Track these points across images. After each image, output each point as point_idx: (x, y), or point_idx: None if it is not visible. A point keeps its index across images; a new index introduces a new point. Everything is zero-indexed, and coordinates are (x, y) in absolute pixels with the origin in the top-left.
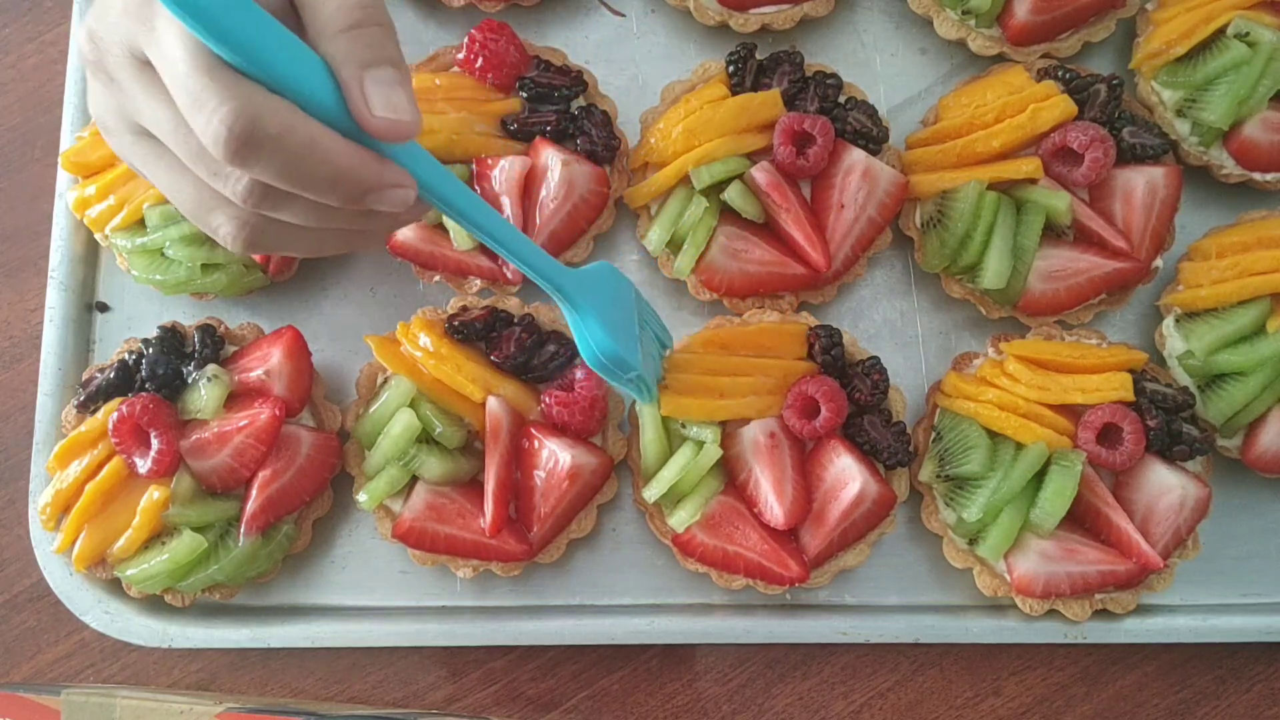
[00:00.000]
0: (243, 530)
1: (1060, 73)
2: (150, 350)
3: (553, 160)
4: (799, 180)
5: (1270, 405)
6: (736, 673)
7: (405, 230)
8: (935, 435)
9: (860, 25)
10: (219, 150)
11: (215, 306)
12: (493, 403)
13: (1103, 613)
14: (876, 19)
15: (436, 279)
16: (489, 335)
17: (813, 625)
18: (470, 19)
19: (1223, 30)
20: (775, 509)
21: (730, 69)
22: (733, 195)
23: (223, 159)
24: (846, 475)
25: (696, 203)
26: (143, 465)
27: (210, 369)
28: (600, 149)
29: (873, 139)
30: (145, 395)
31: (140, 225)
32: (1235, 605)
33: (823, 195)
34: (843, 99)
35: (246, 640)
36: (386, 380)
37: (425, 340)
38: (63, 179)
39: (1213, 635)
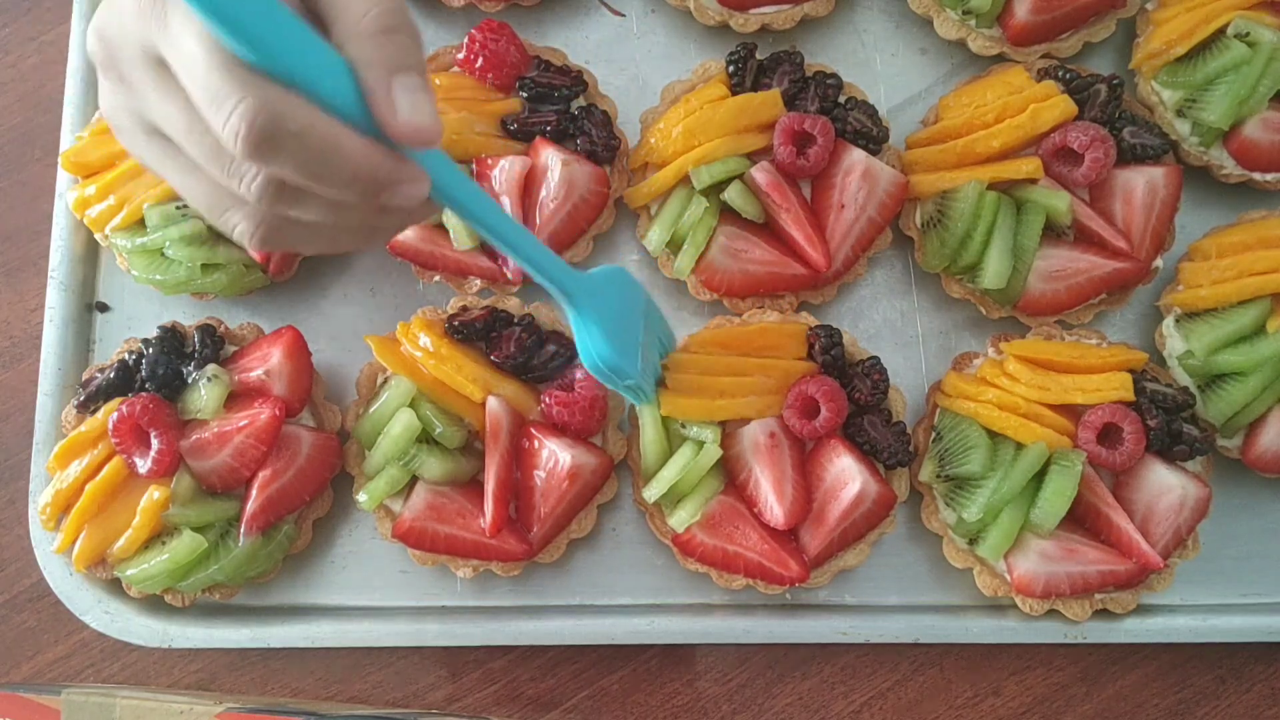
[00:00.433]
0: (243, 530)
1: (1060, 73)
2: (150, 350)
3: (553, 160)
4: (799, 180)
5: (1270, 405)
6: (736, 673)
7: (406, 230)
8: (935, 435)
9: (860, 25)
10: (239, 147)
11: (215, 306)
12: (493, 403)
13: (1103, 613)
14: (876, 19)
15: (436, 279)
16: (489, 335)
17: (813, 625)
18: (470, 19)
19: (1223, 30)
20: (775, 509)
21: (730, 69)
22: (733, 195)
23: (242, 156)
24: (846, 475)
25: (696, 203)
26: (143, 465)
27: (210, 369)
28: (600, 149)
29: (873, 139)
30: (145, 395)
31: (140, 225)
32: (1235, 605)
33: (823, 195)
34: (843, 99)
35: (246, 640)
36: (386, 380)
37: (425, 340)
38: (63, 179)
39: (1213, 635)
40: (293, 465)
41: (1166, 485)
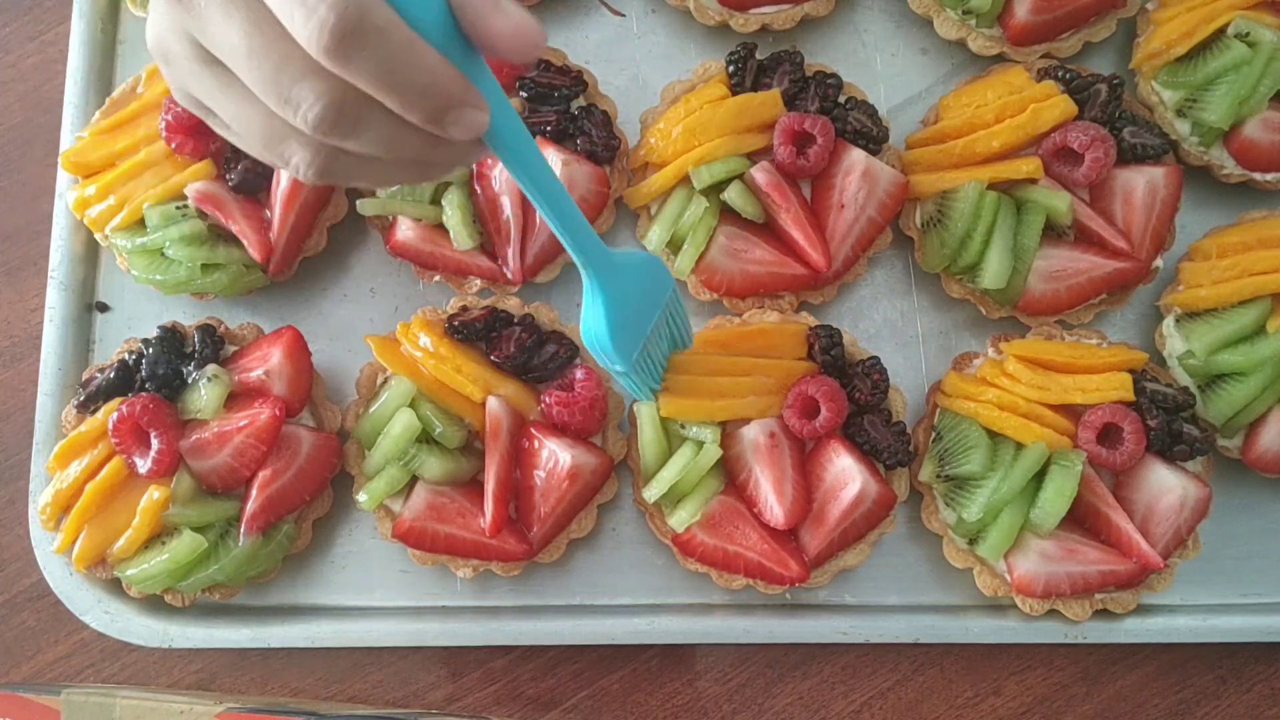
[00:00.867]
0: (243, 530)
1: (1060, 73)
2: (150, 350)
3: (553, 160)
4: (799, 180)
5: (1270, 405)
6: (736, 672)
7: (405, 230)
8: (935, 435)
9: (860, 25)
10: (321, 43)
11: (215, 306)
12: (493, 403)
13: (1103, 613)
14: (877, 19)
15: (436, 279)
16: (489, 335)
17: (813, 625)
18: None
19: (1223, 30)
20: (775, 509)
21: (730, 69)
22: (733, 195)
23: (323, 51)
24: (846, 475)
25: (696, 203)
26: (143, 465)
27: (210, 369)
28: (600, 149)
29: (873, 139)
30: (145, 395)
31: (140, 225)
32: (1235, 605)
33: (823, 195)
34: (843, 99)
35: (246, 640)
36: (386, 380)
37: (425, 340)
38: (63, 179)
39: (1213, 635)
40: (293, 465)
41: (1167, 485)
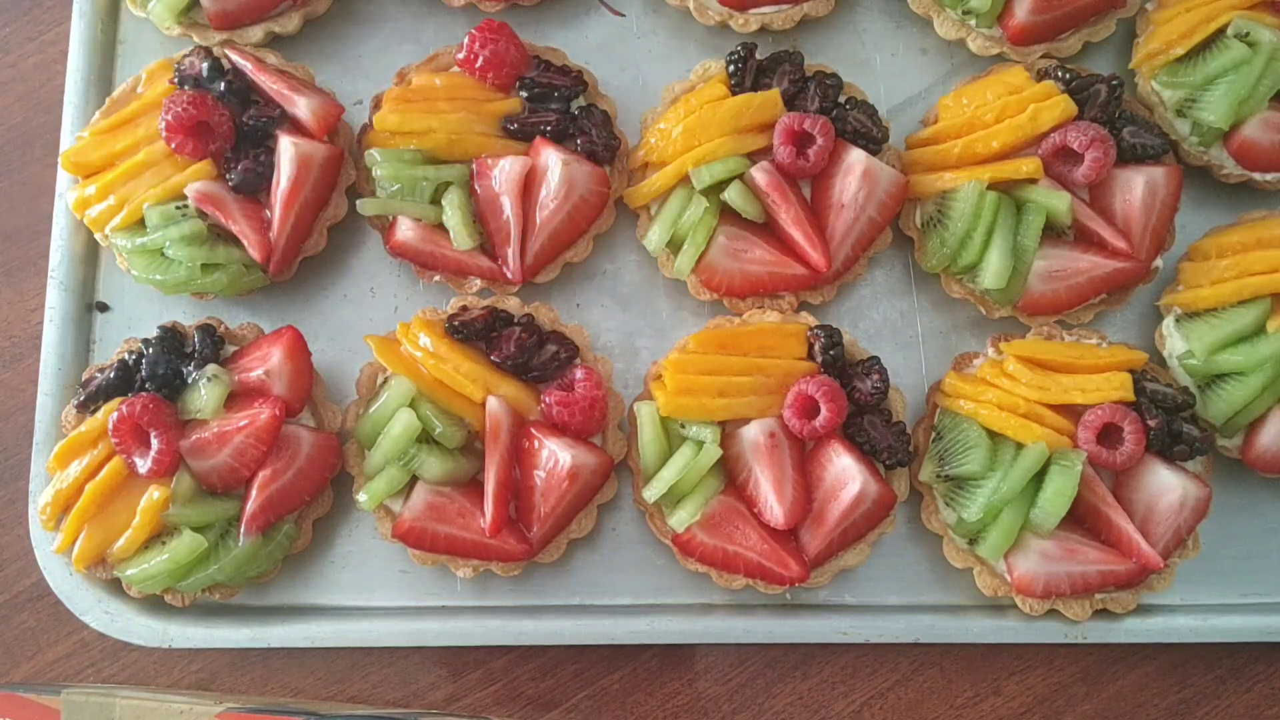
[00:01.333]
0: (243, 530)
1: (1060, 73)
2: (150, 350)
3: (553, 160)
4: (799, 180)
5: (1270, 405)
6: (736, 672)
7: (405, 230)
8: (935, 435)
9: (860, 25)
10: None
11: (215, 306)
12: (493, 403)
13: (1103, 613)
14: (877, 19)
15: (436, 279)
16: (489, 335)
17: (813, 625)
18: (470, 19)
19: (1223, 30)
20: (775, 509)
21: (730, 69)
22: (733, 195)
23: None
24: (846, 475)
25: (696, 203)
26: (143, 465)
27: (210, 369)
28: (600, 149)
29: (873, 139)
30: (145, 395)
31: (140, 225)
32: (1235, 605)
33: (823, 195)
34: (843, 99)
35: (246, 640)
36: (386, 380)
37: (425, 340)
38: (63, 179)
39: (1213, 635)
40: (293, 465)
41: (1167, 485)
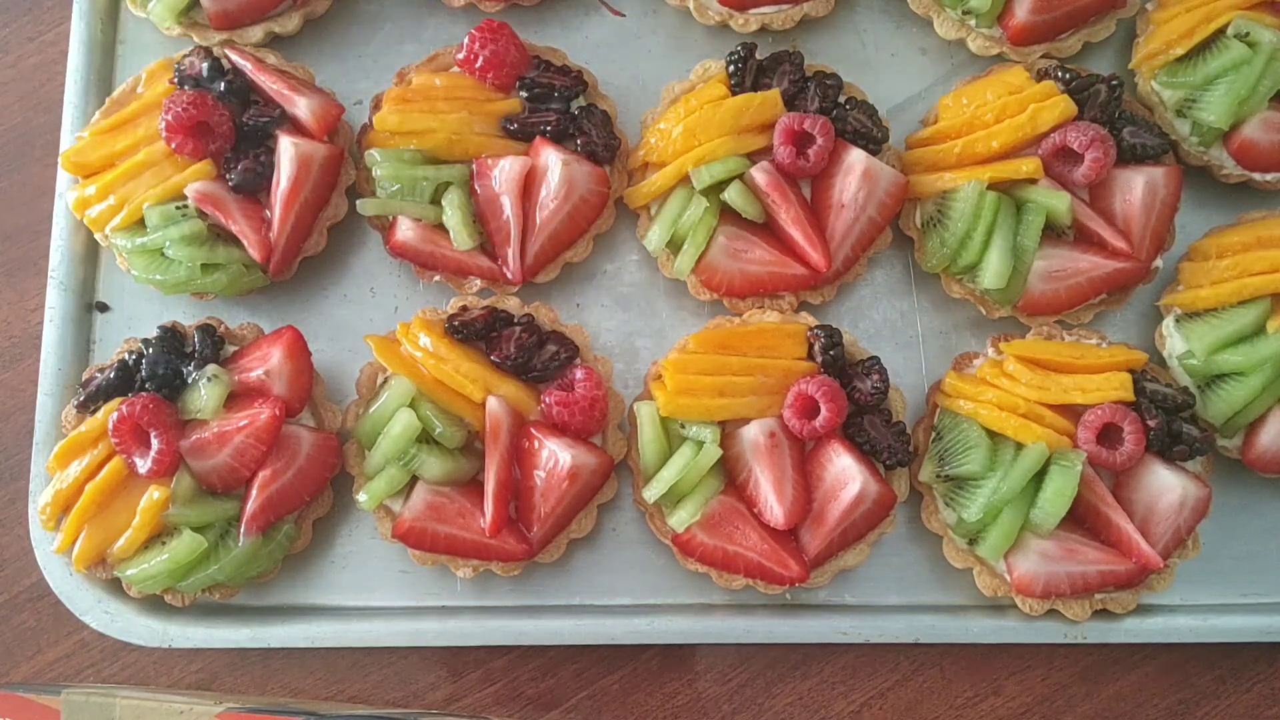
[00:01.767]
0: (243, 530)
1: (1060, 73)
2: (150, 350)
3: (553, 160)
4: (799, 180)
5: (1270, 405)
6: (736, 672)
7: (405, 230)
8: (935, 435)
9: (860, 25)
10: None
11: (215, 306)
12: (493, 403)
13: (1103, 613)
14: (877, 19)
15: (436, 279)
16: (489, 335)
17: (813, 625)
18: (470, 19)
19: (1223, 30)
20: (775, 509)
21: (730, 69)
22: (733, 195)
23: None
24: (846, 475)
25: (696, 203)
26: (143, 465)
27: (210, 369)
28: (600, 149)
29: (873, 139)
30: (145, 395)
31: (140, 225)
32: (1235, 605)
33: (823, 195)
34: (843, 99)
35: (246, 640)
36: (386, 380)
37: (425, 340)
38: (63, 179)
39: (1213, 635)
40: (293, 465)
41: (1167, 485)
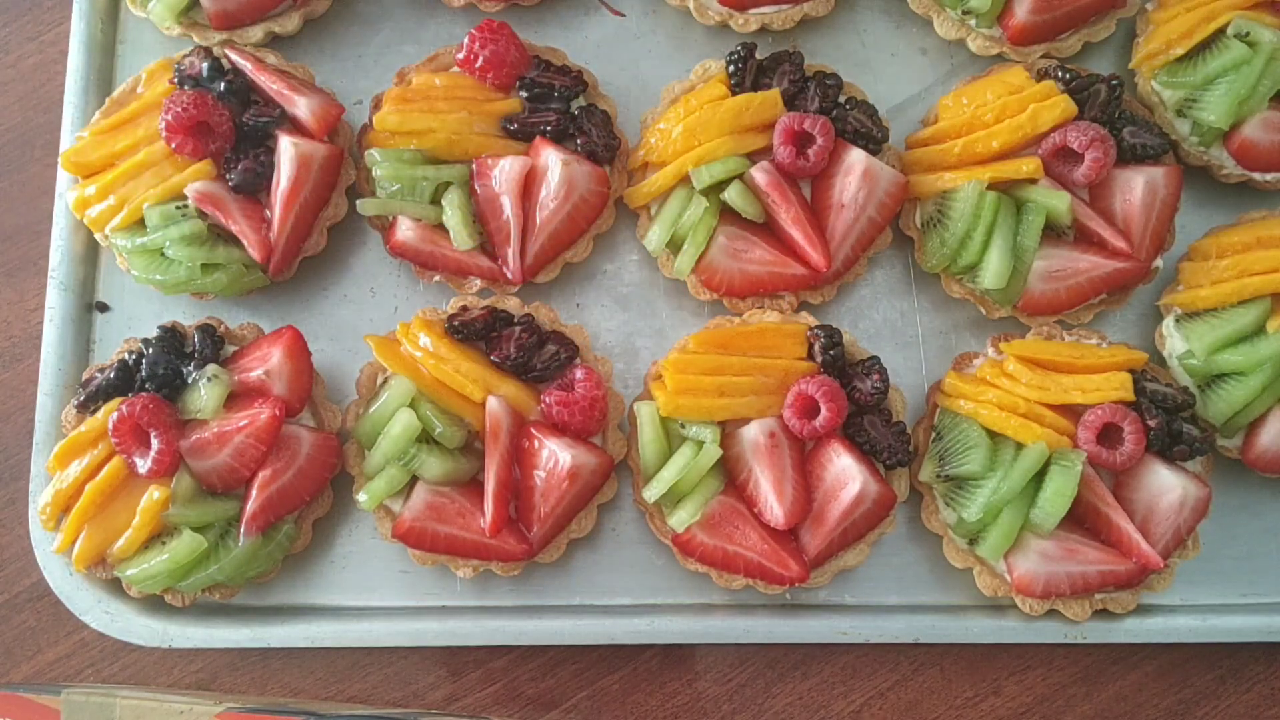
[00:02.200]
0: (243, 530)
1: (1060, 73)
2: (150, 350)
3: (553, 160)
4: (799, 180)
5: (1270, 405)
6: (736, 672)
7: (405, 230)
8: (935, 435)
9: (860, 25)
10: None
11: (215, 306)
12: (493, 403)
13: (1103, 613)
14: (876, 19)
15: (436, 279)
16: (489, 335)
17: (813, 625)
18: (470, 19)
19: (1223, 30)
20: (775, 509)
21: (730, 69)
22: (733, 195)
23: None
24: (846, 475)
25: (696, 203)
26: (143, 465)
27: (210, 369)
28: (600, 149)
29: (873, 139)
30: (145, 395)
31: (140, 225)
32: (1235, 605)
33: (823, 195)
34: (843, 99)
35: (246, 640)
36: (386, 380)
37: (425, 340)
38: (63, 179)
39: (1213, 635)
40: (293, 465)
41: (1167, 485)
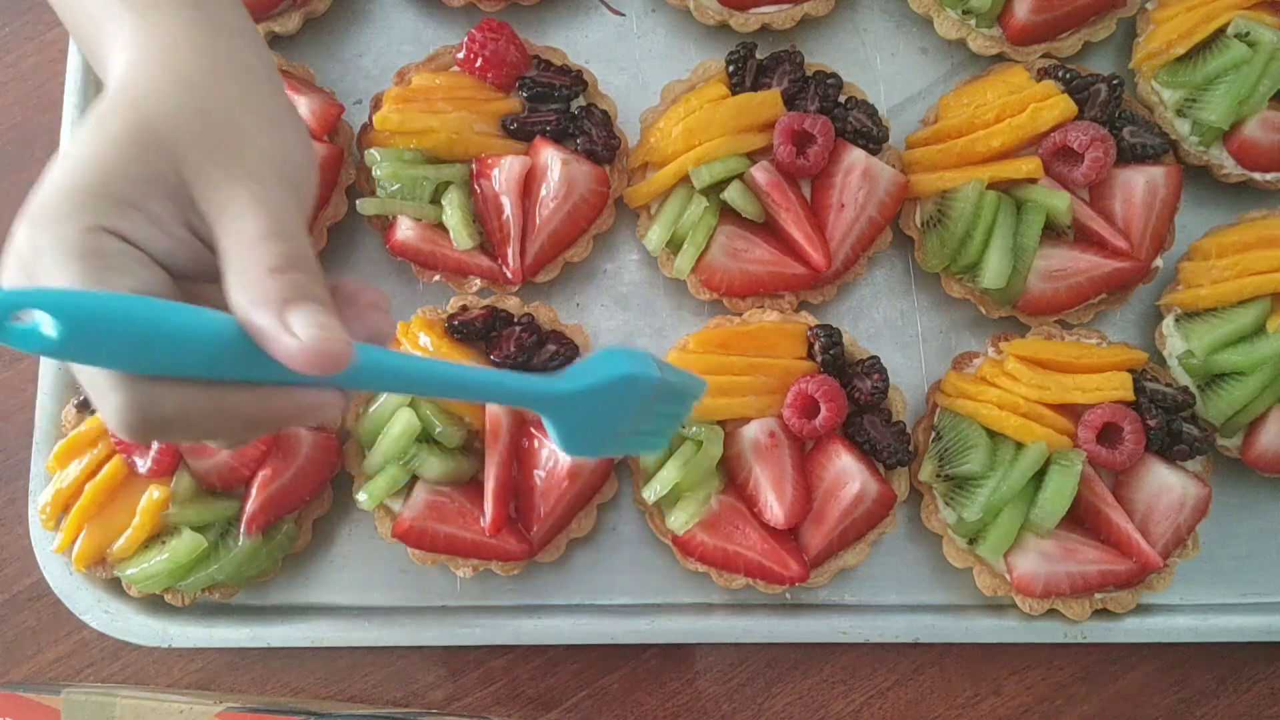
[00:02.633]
0: (243, 530)
1: (1060, 72)
2: None
3: (553, 160)
4: (799, 180)
5: (1270, 405)
6: (736, 672)
7: (405, 230)
8: (935, 435)
9: (860, 25)
10: (122, 435)
11: None
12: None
13: (1102, 612)
14: (876, 19)
15: (436, 279)
16: (489, 335)
17: (813, 625)
18: (470, 19)
19: (1223, 30)
20: (775, 508)
21: (730, 69)
22: (733, 195)
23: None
24: (846, 475)
25: (696, 202)
26: (142, 464)
27: None
28: (600, 149)
29: (873, 139)
30: None
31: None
32: (1235, 605)
33: (823, 195)
34: (843, 99)
35: (246, 640)
36: None
37: (425, 340)
38: None
39: (1213, 635)
40: (292, 465)
41: (1166, 485)
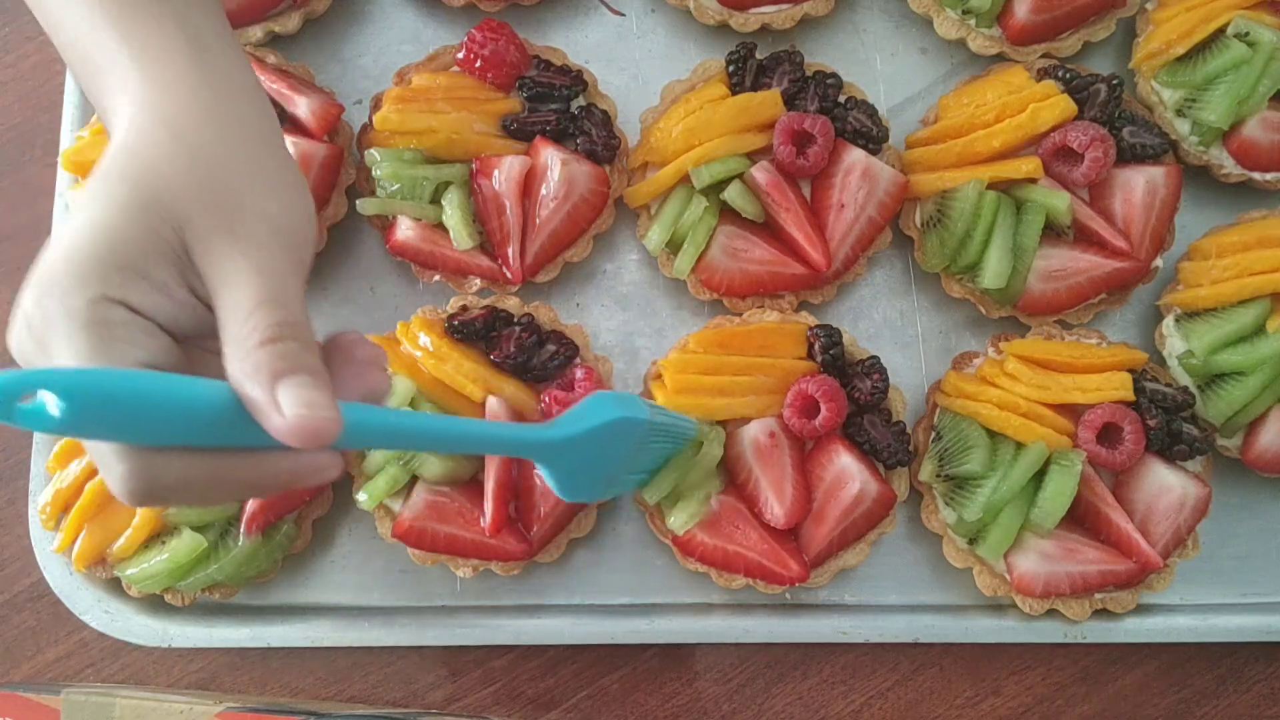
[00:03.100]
0: (242, 530)
1: (1060, 72)
2: None
3: (553, 159)
4: (799, 180)
5: (1270, 405)
6: (736, 672)
7: (405, 230)
8: (935, 435)
9: (860, 25)
10: (126, 503)
11: None
12: (493, 402)
13: (1102, 612)
14: (876, 19)
15: (436, 279)
16: (489, 335)
17: (813, 625)
18: (470, 19)
19: (1223, 30)
20: (775, 508)
21: (730, 69)
22: (733, 195)
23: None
24: (846, 475)
25: (696, 202)
26: None
27: None
28: (600, 148)
29: (873, 139)
30: None
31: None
32: (1235, 605)
33: (823, 195)
34: (843, 98)
35: (246, 640)
36: None
37: (425, 340)
38: (63, 179)
39: (1213, 635)
40: None
41: (1166, 485)
